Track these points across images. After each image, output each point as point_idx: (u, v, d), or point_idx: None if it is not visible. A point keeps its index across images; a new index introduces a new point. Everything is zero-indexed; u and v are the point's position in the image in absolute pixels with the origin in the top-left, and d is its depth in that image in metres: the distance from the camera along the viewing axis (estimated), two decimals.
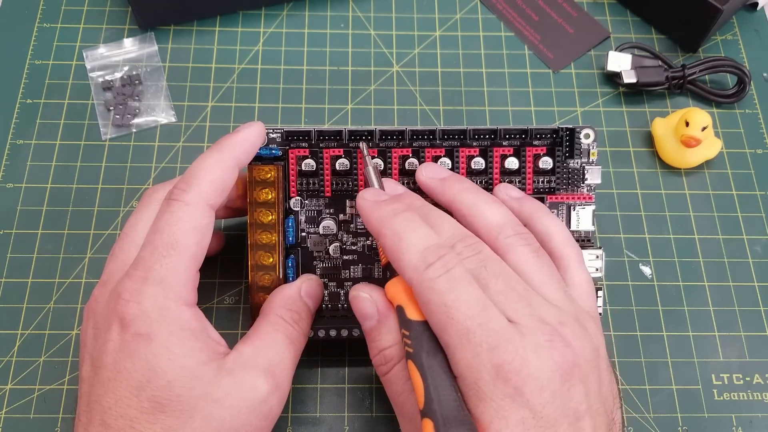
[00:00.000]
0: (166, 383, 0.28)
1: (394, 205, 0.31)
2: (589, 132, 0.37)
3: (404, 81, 0.49)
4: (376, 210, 0.32)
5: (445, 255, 0.28)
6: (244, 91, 0.48)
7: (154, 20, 0.50)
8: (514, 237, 0.31)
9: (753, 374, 0.41)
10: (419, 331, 0.28)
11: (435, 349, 0.28)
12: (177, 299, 0.29)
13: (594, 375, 0.28)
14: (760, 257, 0.44)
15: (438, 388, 0.27)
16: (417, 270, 0.28)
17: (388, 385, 0.31)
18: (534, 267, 0.31)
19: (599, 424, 0.27)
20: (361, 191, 0.33)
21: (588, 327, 0.29)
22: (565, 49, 0.51)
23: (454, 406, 0.26)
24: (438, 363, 0.27)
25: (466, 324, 0.27)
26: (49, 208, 0.44)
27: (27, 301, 0.41)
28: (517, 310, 0.28)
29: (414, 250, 0.29)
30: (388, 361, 0.30)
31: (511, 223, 0.32)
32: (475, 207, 0.33)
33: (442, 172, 0.35)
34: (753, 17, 0.53)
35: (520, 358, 0.26)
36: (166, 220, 0.30)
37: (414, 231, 0.30)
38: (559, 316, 0.29)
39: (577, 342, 0.28)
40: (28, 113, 0.47)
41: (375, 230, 0.31)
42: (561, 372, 0.27)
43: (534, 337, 0.27)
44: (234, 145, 0.33)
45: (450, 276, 0.28)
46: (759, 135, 0.48)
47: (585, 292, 0.33)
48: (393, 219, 0.30)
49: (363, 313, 0.32)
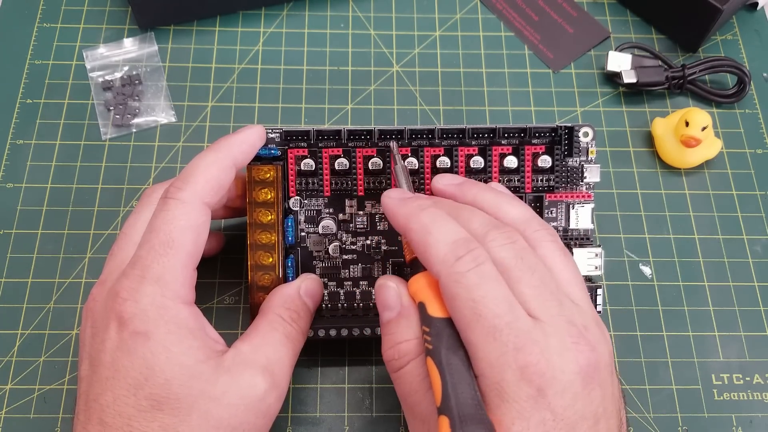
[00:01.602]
0: (163, 381, 0.28)
1: (420, 201, 0.31)
2: (587, 130, 0.37)
3: (404, 81, 0.49)
4: (402, 206, 0.31)
5: (475, 249, 0.28)
6: (244, 91, 0.48)
7: (154, 20, 0.50)
8: (542, 231, 0.31)
9: (753, 374, 0.41)
10: (440, 328, 0.28)
11: (455, 347, 0.27)
12: (174, 297, 0.29)
13: (610, 379, 0.28)
14: (760, 257, 0.44)
15: (456, 385, 0.26)
16: (446, 263, 0.28)
17: (400, 383, 0.30)
18: (561, 264, 0.30)
19: (612, 425, 0.27)
20: (387, 191, 0.33)
21: (604, 330, 0.29)
22: (565, 49, 0.51)
23: (472, 404, 0.26)
24: (458, 360, 0.27)
25: (494, 322, 0.26)
26: (49, 208, 0.44)
27: (27, 301, 0.41)
28: (548, 308, 0.28)
29: (443, 243, 0.28)
30: (403, 355, 0.30)
31: (535, 218, 0.32)
32: (497, 205, 0.32)
33: (457, 178, 0.35)
34: (753, 17, 0.53)
35: (545, 360, 0.26)
36: (162, 218, 0.30)
37: (443, 225, 0.29)
38: (583, 318, 0.28)
39: (599, 346, 0.28)
40: (28, 113, 0.47)
41: (402, 225, 0.31)
42: (583, 375, 0.26)
43: (560, 338, 0.27)
44: (232, 145, 0.33)
45: (480, 271, 0.27)
46: (759, 135, 0.48)
47: None
48: (420, 213, 0.30)
49: (386, 302, 0.31)
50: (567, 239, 0.38)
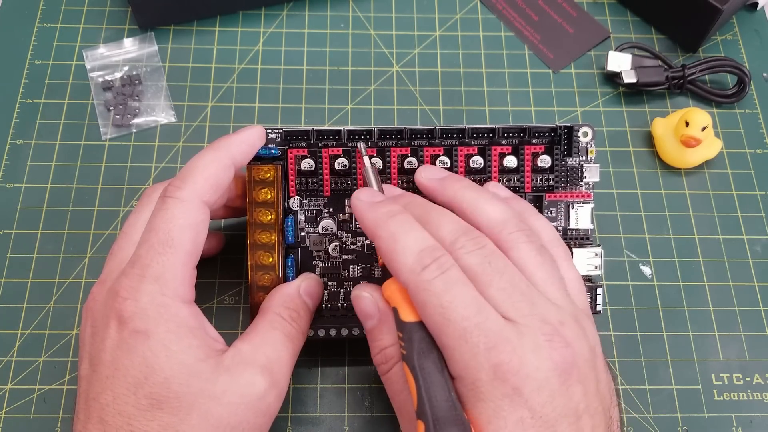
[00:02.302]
0: (163, 380, 0.28)
1: (389, 207, 0.31)
2: (587, 130, 0.37)
3: (404, 81, 0.49)
4: (371, 211, 0.31)
5: (441, 257, 0.28)
6: (244, 91, 0.48)
7: (154, 20, 0.50)
8: (518, 233, 0.31)
9: (753, 374, 0.41)
10: (411, 333, 0.28)
11: (427, 350, 0.28)
12: (174, 296, 0.29)
13: (592, 374, 0.28)
14: (760, 257, 0.44)
15: (429, 389, 0.27)
16: (413, 272, 0.28)
17: (389, 385, 0.31)
18: (536, 264, 0.30)
19: (598, 422, 0.28)
20: (357, 191, 0.33)
21: (585, 326, 0.29)
22: (565, 49, 0.51)
23: (446, 406, 0.26)
24: (431, 363, 0.27)
25: (462, 324, 0.27)
26: (49, 208, 0.44)
27: (27, 301, 0.41)
28: (519, 308, 0.28)
29: (409, 253, 0.29)
30: (389, 360, 0.31)
31: (513, 219, 0.32)
32: (475, 204, 0.32)
33: (441, 172, 0.35)
34: (753, 17, 0.53)
35: (518, 358, 0.26)
36: (161, 217, 0.30)
37: (409, 233, 0.29)
38: (559, 315, 0.29)
39: (576, 342, 0.28)
40: (28, 113, 0.47)
41: (370, 232, 0.31)
42: (559, 372, 0.27)
43: (533, 337, 0.27)
44: (231, 144, 0.33)
45: (446, 277, 0.28)
46: (759, 135, 0.48)
47: (577, 289, 0.32)
48: (388, 221, 0.30)
49: (364, 312, 0.32)
50: (567, 239, 0.38)
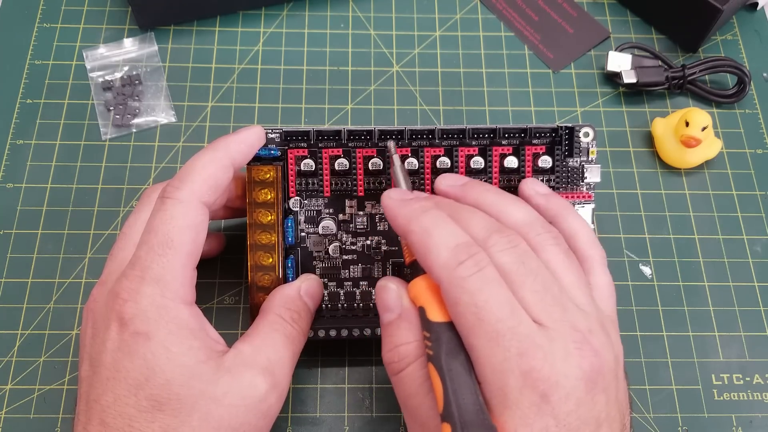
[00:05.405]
0: (164, 382, 0.28)
1: (422, 203, 0.31)
2: (588, 130, 0.37)
3: (404, 81, 0.49)
4: (403, 207, 0.31)
5: (477, 253, 0.28)
6: (244, 91, 0.48)
7: (154, 20, 0.50)
8: (545, 235, 0.31)
9: (753, 374, 0.41)
10: (439, 333, 0.28)
11: (456, 351, 0.27)
12: (174, 298, 0.29)
13: (614, 383, 0.28)
14: (760, 257, 0.44)
15: (457, 391, 0.26)
16: (447, 267, 0.27)
17: (400, 386, 0.30)
18: (564, 268, 0.30)
19: (615, 430, 0.27)
20: (387, 191, 0.32)
21: (611, 334, 0.29)
22: (565, 49, 0.51)
23: (473, 410, 0.26)
24: (459, 365, 0.27)
25: (496, 327, 0.26)
26: (49, 208, 0.44)
27: (27, 301, 0.41)
28: (551, 313, 0.27)
29: (444, 247, 0.28)
30: (403, 358, 0.29)
31: (539, 220, 0.31)
32: (499, 207, 0.32)
33: (461, 179, 0.35)
34: (753, 17, 0.53)
35: (549, 365, 0.26)
36: (160, 218, 0.30)
37: (444, 227, 0.29)
38: (587, 322, 0.28)
39: (603, 350, 0.27)
40: (28, 113, 0.47)
41: (402, 227, 0.30)
42: (586, 380, 0.26)
43: (564, 343, 0.27)
44: (230, 144, 0.33)
45: (482, 275, 0.27)
46: (759, 135, 0.48)
47: (606, 295, 0.32)
48: (421, 216, 0.29)
49: (386, 304, 0.31)
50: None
